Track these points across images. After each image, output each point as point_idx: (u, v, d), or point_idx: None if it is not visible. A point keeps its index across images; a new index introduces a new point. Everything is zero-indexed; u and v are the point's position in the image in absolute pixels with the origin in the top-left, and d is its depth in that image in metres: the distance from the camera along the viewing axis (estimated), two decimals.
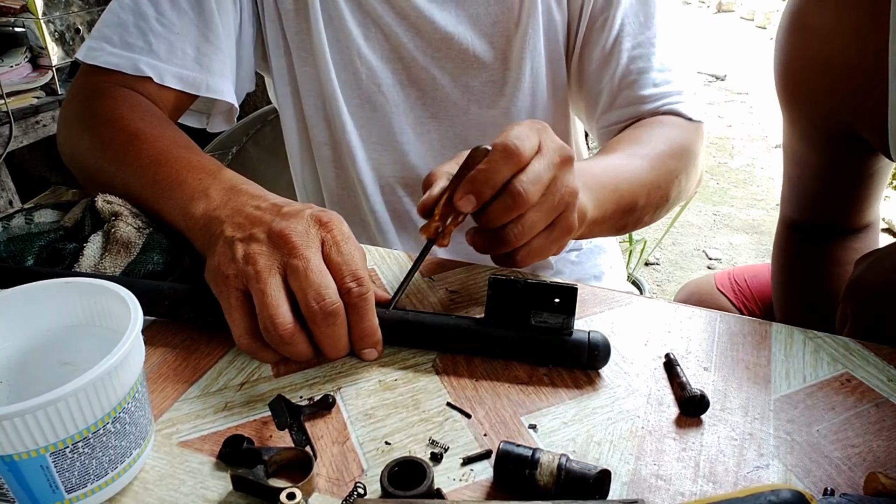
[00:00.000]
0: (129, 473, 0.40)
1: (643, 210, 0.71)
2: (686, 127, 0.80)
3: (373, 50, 0.82)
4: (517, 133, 0.52)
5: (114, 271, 0.56)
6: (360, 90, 0.84)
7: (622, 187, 0.67)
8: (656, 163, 0.72)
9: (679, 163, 0.76)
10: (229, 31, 0.78)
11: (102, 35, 0.74)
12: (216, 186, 0.58)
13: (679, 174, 0.75)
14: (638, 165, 0.71)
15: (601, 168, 0.67)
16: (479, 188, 0.51)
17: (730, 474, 0.42)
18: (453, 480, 0.42)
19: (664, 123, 0.79)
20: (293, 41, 0.82)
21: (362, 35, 0.82)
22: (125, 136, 0.66)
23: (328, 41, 0.81)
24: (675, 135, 0.77)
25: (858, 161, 0.76)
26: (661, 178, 0.73)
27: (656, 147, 0.74)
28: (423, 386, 0.49)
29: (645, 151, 0.73)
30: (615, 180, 0.67)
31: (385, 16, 0.81)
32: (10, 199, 1.71)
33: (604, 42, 0.81)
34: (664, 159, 0.74)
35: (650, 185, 0.71)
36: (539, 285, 0.50)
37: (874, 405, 0.48)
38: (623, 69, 0.81)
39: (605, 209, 0.64)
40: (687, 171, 0.77)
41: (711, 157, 3.51)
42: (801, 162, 0.81)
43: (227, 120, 0.86)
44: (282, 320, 0.47)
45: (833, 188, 0.80)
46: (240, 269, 0.49)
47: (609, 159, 0.71)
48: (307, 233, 0.50)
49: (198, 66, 0.75)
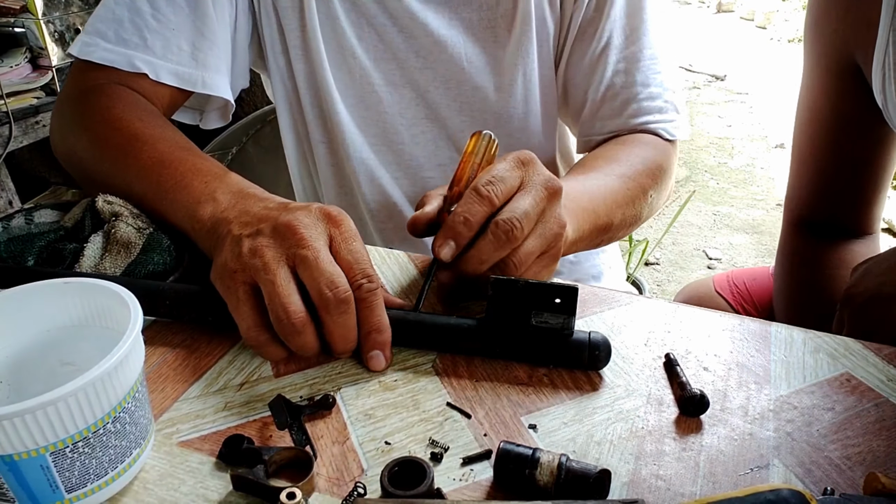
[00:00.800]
0: (129, 473, 0.40)
1: (617, 229, 0.74)
2: (661, 147, 0.83)
3: (366, 50, 0.83)
4: (497, 173, 0.53)
5: (114, 272, 0.57)
6: (355, 89, 0.84)
7: (599, 209, 0.69)
8: (631, 184, 0.75)
9: (653, 182, 0.78)
10: (225, 27, 0.78)
11: (97, 30, 0.73)
12: (223, 190, 0.58)
13: (652, 192, 0.79)
14: (614, 186, 0.73)
15: (580, 191, 0.69)
16: (455, 232, 0.52)
17: (730, 474, 0.42)
18: (453, 480, 0.42)
19: (641, 143, 0.82)
20: (290, 39, 0.82)
21: (356, 35, 0.82)
22: (124, 136, 0.66)
23: (324, 40, 0.81)
24: (650, 155, 0.80)
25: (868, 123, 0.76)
26: (635, 198, 0.75)
27: (633, 167, 0.77)
28: (423, 386, 0.49)
29: (621, 171, 0.75)
30: (593, 202, 0.69)
31: (378, 16, 0.81)
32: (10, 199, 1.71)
33: (590, 53, 0.82)
34: (639, 179, 0.76)
35: (625, 205, 0.74)
36: (540, 285, 0.50)
37: (874, 405, 0.48)
38: (607, 82, 0.82)
39: (583, 230, 0.66)
40: (658, 190, 0.80)
41: (711, 157, 3.51)
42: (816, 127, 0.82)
43: (223, 116, 0.86)
44: (294, 308, 0.47)
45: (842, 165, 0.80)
46: (247, 263, 0.49)
47: (587, 180, 0.73)
48: (314, 225, 0.50)
49: (193, 62, 0.75)
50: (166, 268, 0.58)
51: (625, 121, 0.83)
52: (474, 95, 0.84)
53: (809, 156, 0.84)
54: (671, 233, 2.77)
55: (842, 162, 0.81)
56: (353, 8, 0.81)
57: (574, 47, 0.83)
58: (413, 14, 0.80)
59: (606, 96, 0.83)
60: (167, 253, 0.58)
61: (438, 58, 0.82)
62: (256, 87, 2.05)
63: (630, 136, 0.83)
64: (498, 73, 0.83)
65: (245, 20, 0.82)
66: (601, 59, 0.82)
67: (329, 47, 0.82)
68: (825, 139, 0.81)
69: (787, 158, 0.89)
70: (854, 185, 0.82)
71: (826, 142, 0.81)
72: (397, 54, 0.83)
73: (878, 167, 0.80)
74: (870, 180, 0.81)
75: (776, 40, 5.56)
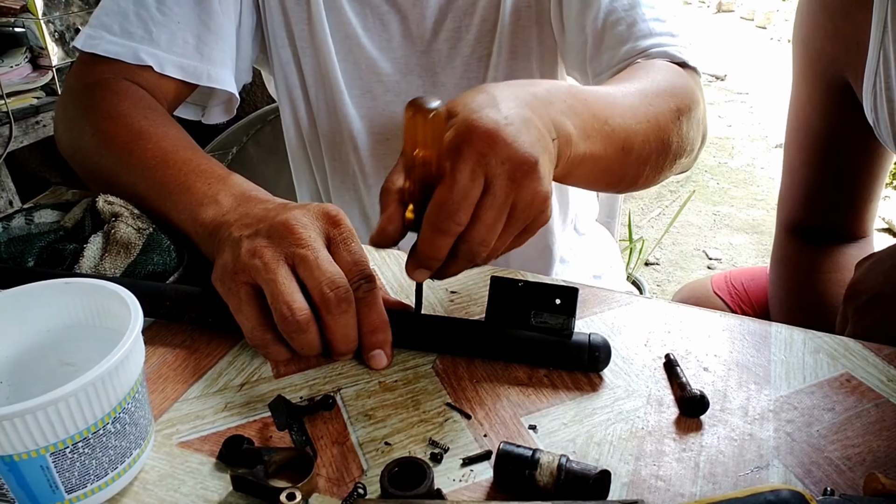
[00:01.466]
0: (129, 474, 0.40)
1: (640, 153, 0.62)
2: (685, 73, 0.72)
3: (371, 39, 0.82)
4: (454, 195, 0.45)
5: (114, 272, 0.57)
6: (361, 80, 0.84)
7: (615, 121, 0.59)
8: (655, 100, 0.64)
9: (680, 102, 0.67)
10: (230, 20, 0.78)
11: (101, 23, 0.73)
12: (225, 192, 0.58)
13: (680, 115, 0.66)
14: (634, 100, 0.62)
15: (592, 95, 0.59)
16: (422, 263, 0.48)
17: (729, 475, 0.42)
18: (453, 481, 0.42)
19: (661, 67, 0.70)
20: (297, 31, 0.82)
21: (361, 25, 0.82)
22: (128, 133, 0.66)
23: (331, 31, 0.81)
24: (672, 77, 0.69)
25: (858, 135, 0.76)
26: (660, 117, 0.64)
27: (654, 84, 0.66)
28: (423, 387, 0.49)
29: (641, 87, 0.64)
30: (607, 112, 0.58)
31: (381, 5, 0.81)
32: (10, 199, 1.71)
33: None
34: (664, 98, 0.65)
35: (647, 121, 0.62)
36: (540, 286, 0.50)
37: (874, 405, 0.48)
38: (606, 8, 0.74)
39: (596, 142, 0.56)
40: (688, 115, 0.68)
41: (711, 157, 3.51)
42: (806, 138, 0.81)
43: (226, 111, 0.86)
44: (298, 305, 0.47)
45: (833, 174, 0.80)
46: (247, 264, 0.49)
47: (601, 89, 0.62)
48: (312, 224, 0.50)
49: (199, 55, 0.75)
50: (166, 268, 0.58)
51: (634, 44, 0.72)
52: (479, 67, 0.83)
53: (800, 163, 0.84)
54: (671, 233, 2.77)
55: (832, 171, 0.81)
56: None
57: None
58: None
59: (608, 22, 0.74)
60: (167, 253, 0.58)
61: (442, 36, 0.82)
62: (257, 87, 2.05)
63: (646, 62, 0.71)
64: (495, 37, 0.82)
65: (249, 14, 0.82)
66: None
67: (335, 38, 0.82)
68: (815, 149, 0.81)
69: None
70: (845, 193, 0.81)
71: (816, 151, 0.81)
72: (403, 40, 0.82)
73: (868, 175, 0.80)
74: (861, 188, 0.81)
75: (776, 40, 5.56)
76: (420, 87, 0.85)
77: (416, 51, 0.83)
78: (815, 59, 0.77)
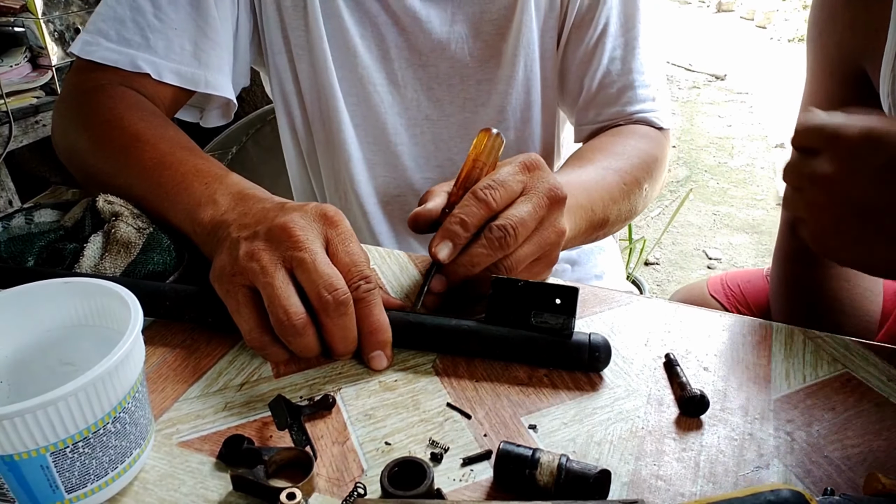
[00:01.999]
0: (129, 473, 0.40)
1: (613, 224, 0.74)
2: (656, 137, 0.83)
3: (368, 49, 0.82)
4: (499, 177, 0.54)
5: (114, 272, 0.56)
6: (357, 89, 0.84)
7: (596, 206, 0.69)
8: (628, 178, 0.75)
9: (648, 174, 0.78)
10: (227, 26, 0.78)
11: (98, 29, 0.73)
12: (223, 192, 0.58)
13: (645, 185, 0.78)
14: (610, 181, 0.73)
15: (576, 186, 0.68)
16: (452, 233, 0.52)
17: (730, 474, 0.42)
18: (453, 481, 0.42)
19: (636, 134, 0.81)
20: (294, 38, 0.82)
21: (359, 34, 0.82)
22: (126, 136, 0.66)
23: (329, 40, 0.81)
24: (645, 146, 0.80)
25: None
26: (630, 192, 0.75)
27: (629, 160, 0.77)
28: (423, 386, 0.49)
29: (618, 165, 0.75)
30: (590, 199, 0.68)
31: (381, 15, 0.81)
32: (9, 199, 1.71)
33: (588, 40, 0.82)
34: (635, 173, 0.76)
35: (621, 200, 0.73)
36: (540, 286, 0.50)
37: (874, 405, 0.48)
38: (603, 69, 0.82)
39: (579, 227, 0.66)
40: (653, 182, 0.80)
41: (711, 157, 3.51)
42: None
43: (224, 114, 0.86)
44: (295, 309, 0.47)
45: None
46: (244, 266, 0.49)
47: (584, 174, 0.72)
48: (310, 226, 0.50)
49: (196, 61, 0.75)
50: (166, 268, 0.58)
51: (621, 108, 0.83)
52: (478, 90, 0.84)
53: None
54: (671, 233, 2.77)
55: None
56: (357, 7, 0.81)
57: (571, 34, 0.83)
58: (415, 13, 0.80)
59: (603, 83, 0.83)
60: (167, 253, 0.58)
61: (442, 55, 0.82)
62: (256, 86, 2.04)
63: (625, 128, 0.83)
64: (501, 65, 0.83)
65: (246, 19, 0.82)
66: (598, 45, 0.82)
67: (333, 46, 0.82)
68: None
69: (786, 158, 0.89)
70: None
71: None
72: (400, 53, 0.82)
73: None
74: None
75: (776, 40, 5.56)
76: (415, 100, 0.85)
77: (413, 64, 0.83)
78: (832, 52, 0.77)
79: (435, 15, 0.81)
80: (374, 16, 0.81)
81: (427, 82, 0.84)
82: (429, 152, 0.87)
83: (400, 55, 0.83)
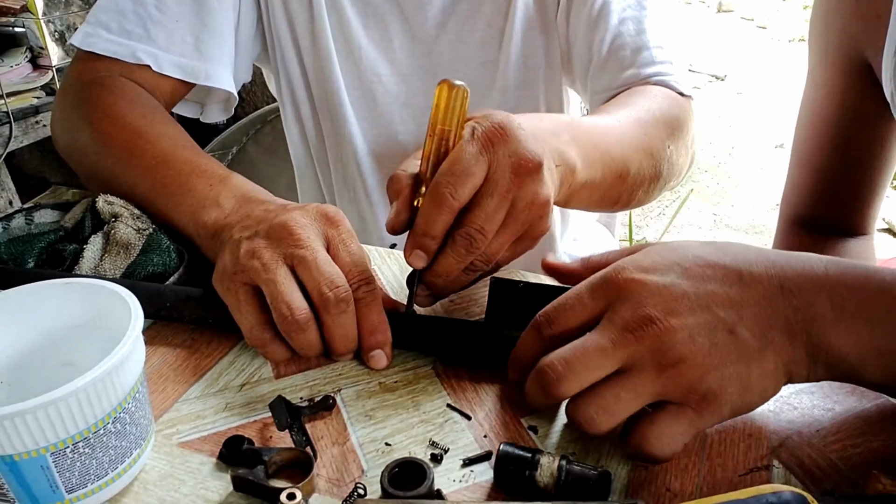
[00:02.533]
0: (129, 474, 0.40)
1: (635, 179, 0.66)
2: (678, 101, 0.76)
3: (372, 39, 0.82)
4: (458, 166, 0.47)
5: (114, 273, 0.57)
6: (362, 81, 0.84)
7: (613, 150, 0.63)
8: (649, 129, 0.68)
9: (671, 134, 0.71)
10: (228, 19, 0.78)
11: (99, 21, 0.73)
12: (227, 193, 0.57)
13: (670, 146, 0.71)
14: (630, 129, 0.67)
15: (591, 126, 0.63)
16: (420, 242, 0.49)
17: (729, 474, 0.42)
18: (453, 482, 0.42)
19: (654, 94, 0.74)
20: (300, 31, 0.82)
21: (362, 24, 0.82)
22: (127, 134, 0.65)
23: (332, 31, 0.81)
24: (666, 106, 0.73)
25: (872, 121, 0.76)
26: (653, 146, 0.68)
27: (649, 113, 0.70)
28: (424, 387, 0.49)
29: (637, 115, 0.69)
30: (606, 142, 0.62)
31: (383, 4, 0.81)
32: (10, 199, 1.71)
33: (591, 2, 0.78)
34: (657, 127, 0.70)
35: (642, 150, 0.67)
36: (540, 287, 0.50)
37: (874, 405, 0.48)
38: (614, 31, 0.77)
39: (595, 171, 0.60)
40: (678, 146, 0.73)
41: (711, 157, 3.51)
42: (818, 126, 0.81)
43: (225, 109, 0.86)
44: (298, 304, 0.47)
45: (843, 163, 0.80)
46: (245, 265, 0.49)
47: (600, 119, 0.67)
48: (311, 225, 0.50)
49: (197, 53, 0.75)
50: (166, 269, 0.58)
51: (636, 70, 0.76)
52: (483, 73, 0.83)
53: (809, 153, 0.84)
54: (671, 233, 2.77)
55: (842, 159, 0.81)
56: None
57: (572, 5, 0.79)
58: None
59: (615, 45, 0.77)
60: (167, 254, 0.58)
61: (445, 39, 0.82)
62: (257, 86, 2.05)
63: (642, 88, 0.76)
64: (500, 44, 0.82)
65: (249, 12, 0.81)
66: (605, 6, 0.77)
67: (336, 39, 0.82)
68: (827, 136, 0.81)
69: (787, 158, 0.89)
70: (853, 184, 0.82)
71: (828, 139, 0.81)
72: (403, 42, 0.82)
73: (878, 166, 0.80)
74: (869, 179, 0.81)
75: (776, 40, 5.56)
76: (420, 88, 0.84)
77: (416, 52, 0.83)
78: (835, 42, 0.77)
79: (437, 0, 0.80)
80: (378, 6, 0.81)
81: (431, 70, 0.83)
82: None
83: (403, 44, 0.82)
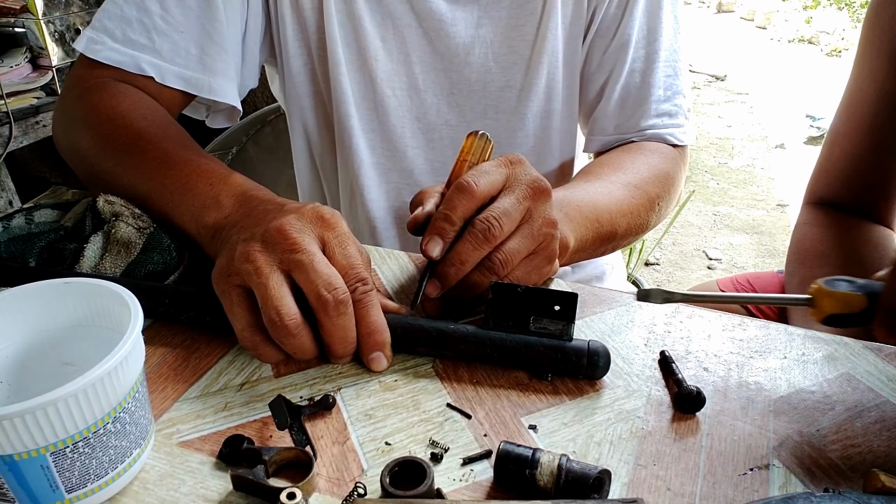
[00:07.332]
0: (129, 473, 0.40)
1: (622, 237, 0.73)
2: (669, 154, 0.82)
3: (389, 53, 0.81)
4: (480, 169, 0.54)
5: (114, 272, 0.57)
6: (374, 94, 0.83)
7: (603, 217, 0.68)
8: (637, 192, 0.74)
9: (660, 190, 0.78)
10: (235, 30, 0.77)
11: (104, 27, 0.73)
12: (227, 193, 0.57)
13: (659, 201, 0.78)
14: (619, 194, 0.72)
15: (582, 198, 0.68)
16: (439, 228, 0.53)
17: (729, 474, 0.42)
18: (453, 480, 0.42)
19: (648, 150, 0.81)
20: (310, 40, 0.81)
21: (379, 36, 0.80)
22: (128, 135, 0.65)
23: (344, 42, 0.80)
24: (658, 162, 0.80)
25: None
26: (641, 207, 0.74)
27: (639, 175, 0.76)
28: (423, 387, 0.49)
29: (627, 179, 0.75)
30: (596, 211, 0.68)
31: (405, 17, 0.80)
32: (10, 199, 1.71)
33: (609, 50, 0.82)
34: (646, 188, 0.76)
35: (630, 213, 0.73)
36: (539, 291, 0.50)
37: (874, 405, 0.48)
38: (623, 81, 0.82)
39: (586, 239, 0.66)
40: (666, 198, 0.80)
41: (711, 157, 3.51)
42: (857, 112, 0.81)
43: (229, 118, 0.85)
44: (287, 310, 0.47)
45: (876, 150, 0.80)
46: (238, 268, 0.49)
47: (591, 187, 0.72)
48: (305, 228, 0.50)
49: (201, 66, 0.74)
50: (166, 268, 0.58)
51: (636, 122, 0.83)
52: (501, 96, 0.83)
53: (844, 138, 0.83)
54: (671, 233, 2.77)
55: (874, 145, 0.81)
56: (379, 8, 0.79)
57: (593, 43, 0.83)
58: (441, 16, 0.79)
59: (621, 95, 0.83)
60: (167, 253, 0.58)
61: (465, 59, 0.81)
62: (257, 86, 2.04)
63: (636, 145, 0.82)
64: (524, 71, 0.82)
65: (256, 20, 0.80)
66: (619, 56, 0.81)
67: (349, 50, 0.80)
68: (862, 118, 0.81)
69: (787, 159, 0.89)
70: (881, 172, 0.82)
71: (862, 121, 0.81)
72: (422, 57, 0.81)
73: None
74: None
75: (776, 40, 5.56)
76: (434, 105, 0.84)
77: (434, 69, 0.82)
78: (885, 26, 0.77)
79: (461, 18, 0.79)
80: (398, 18, 0.80)
81: (448, 87, 0.83)
82: (446, 157, 0.86)
83: (422, 59, 0.82)
